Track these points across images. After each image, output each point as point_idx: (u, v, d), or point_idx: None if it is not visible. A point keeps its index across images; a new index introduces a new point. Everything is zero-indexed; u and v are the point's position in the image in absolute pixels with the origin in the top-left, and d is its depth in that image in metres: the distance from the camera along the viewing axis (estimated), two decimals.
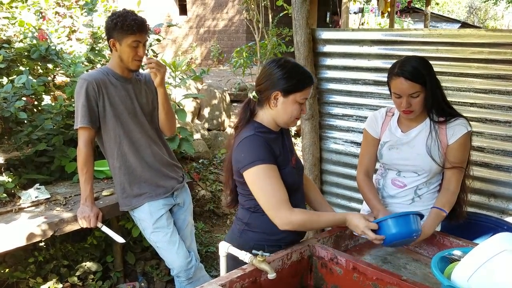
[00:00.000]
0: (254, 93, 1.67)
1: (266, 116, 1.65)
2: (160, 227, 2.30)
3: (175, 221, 2.43)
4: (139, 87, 2.31)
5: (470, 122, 1.87)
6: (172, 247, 2.31)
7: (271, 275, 1.42)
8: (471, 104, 2.52)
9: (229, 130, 5.79)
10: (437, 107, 1.83)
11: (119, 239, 2.31)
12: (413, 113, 1.83)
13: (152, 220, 2.29)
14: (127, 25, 2.06)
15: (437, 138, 1.84)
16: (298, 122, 2.44)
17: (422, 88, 1.77)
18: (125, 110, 2.22)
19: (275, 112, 1.62)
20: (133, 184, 2.28)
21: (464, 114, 1.88)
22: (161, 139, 2.42)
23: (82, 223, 2.23)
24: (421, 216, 1.68)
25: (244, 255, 1.50)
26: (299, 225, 1.56)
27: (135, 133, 2.25)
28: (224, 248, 1.61)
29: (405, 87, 1.76)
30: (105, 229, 2.28)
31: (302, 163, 1.97)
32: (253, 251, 1.47)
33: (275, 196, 1.54)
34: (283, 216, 1.54)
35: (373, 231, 1.59)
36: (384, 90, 2.88)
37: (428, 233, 1.75)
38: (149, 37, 2.13)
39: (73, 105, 2.92)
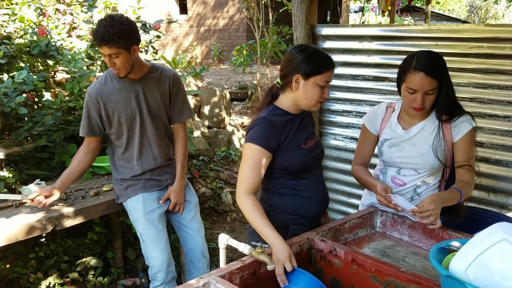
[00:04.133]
0: (278, 80, 1.74)
1: (287, 99, 1.71)
2: (151, 220, 2.30)
3: (182, 217, 2.43)
4: (151, 85, 2.28)
5: None
6: (158, 244, 2.30)
7: (270, 267, 1.43)
8: (470, 99, 2.52)
9: (230, 128, 5.79)
10: (446, 105, 1.79)
11: (17, 197, 2.23)
12: (423, 111, 1.79)
13: (144, 211, 2.29)
14: (94, 37, 2.07)
15: (443, 138, 1.81)
16: None
17: (438, 85, 1.72)
18: (129, 115, 2.24)
19: (297, 95, 1.68)
20: (130, 180, 2.33)
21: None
22: (164, 138, 2.40)
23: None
24: None
25: (243, 247, 1.51)
26: (242, 210, 1.63)
27: (138, 135, 2.28)
28: (224, 240, 1.62)
29: (425, 82, 1.70)
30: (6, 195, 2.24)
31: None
32: (252, 243, 1.48)
33: (246, 177, 1.63)
34: (239, 194, 1.63)
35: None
36: (384, 85, 2.88)
37: (439, 198, 1.65)
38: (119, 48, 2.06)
39: (73, 101, 2.96)
